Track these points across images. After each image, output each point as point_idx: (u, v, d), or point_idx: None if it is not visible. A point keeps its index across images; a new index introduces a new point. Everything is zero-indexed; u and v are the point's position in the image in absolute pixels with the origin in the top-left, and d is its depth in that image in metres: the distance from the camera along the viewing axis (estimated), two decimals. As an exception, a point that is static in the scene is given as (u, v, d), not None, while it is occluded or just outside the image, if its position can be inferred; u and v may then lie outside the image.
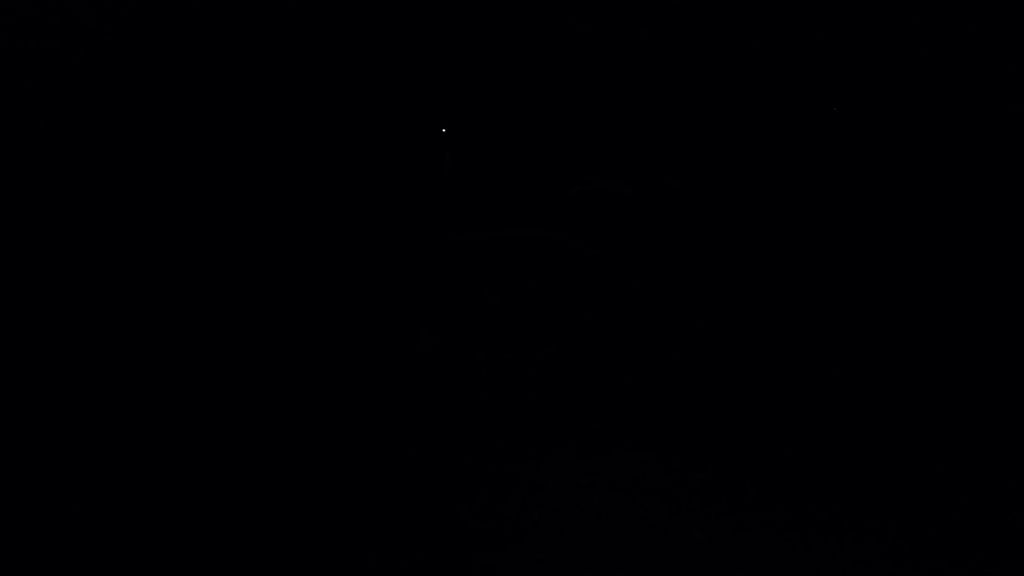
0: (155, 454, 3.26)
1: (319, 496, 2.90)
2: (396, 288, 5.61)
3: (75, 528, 2.71)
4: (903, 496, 2.81)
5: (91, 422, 3.58)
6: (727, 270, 5.64)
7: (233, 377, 4.12)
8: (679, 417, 3.52)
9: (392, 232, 5.63)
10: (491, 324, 4.93)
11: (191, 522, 2.74)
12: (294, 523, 2.72)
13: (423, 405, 3.73)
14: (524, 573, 2.43)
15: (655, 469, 3.04)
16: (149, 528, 2.70)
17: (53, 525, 2.73)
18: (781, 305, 5.12)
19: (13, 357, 4.38)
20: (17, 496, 2.95)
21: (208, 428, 3.50)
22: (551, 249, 5.02)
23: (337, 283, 5.62)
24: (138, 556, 2.55)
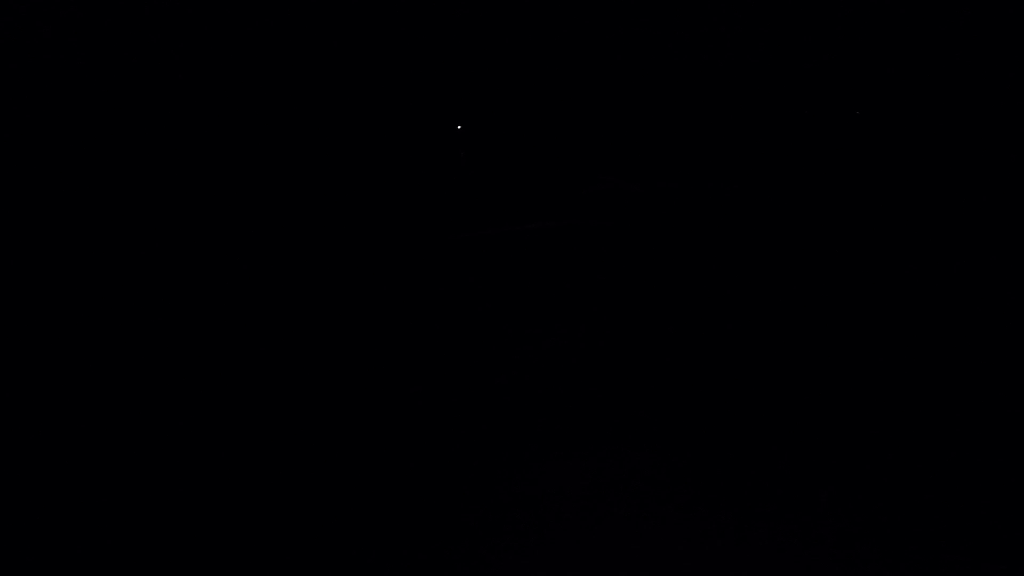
0: (154, 455, 3.26)
1: (318, 497, 2.90)
2: (402, 284, 5.60)
3: (75, 528, 2.71)
4: (905, 496, 2.81)
5: (91, 422, 3.58)
6: (728, 270, 5.64)
7: (238, 374, 4.12)
8: (680, 417, 3.52)
9: (405, 229, 5.63)
10: (492, 322, 4.92)
11: (189, 521, 2.74)
12: (293, 524, 2.72)
13: (423, 404, 3.73)
14: (524, 573, 2.43)
15: (655, 469, 3.05)
16: (149, 528, 2.70)
17: (53, 525, 2.73)
18: (782, 305, 5.12)
19: (13, 357, 4.38)
20: (17, 496, 2.94)
21: (210, 425, 3.49)
22: (566, 240, 5.02)
23: (345, 280, 5.61)
24: (138, 556, 2.55)
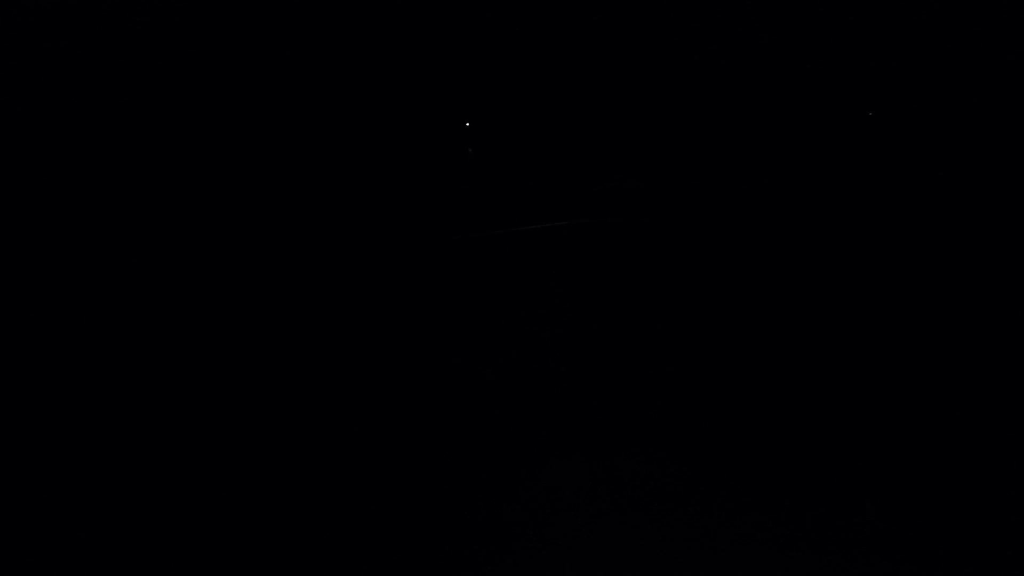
0: (155, 455, 3.27)
1: (319, 497, 2.90)
2: (409, 285, 5.61)
3: (75, 528, 2.71)
4: (905, 497, 2.80)
5: (91, 422, 3.58)
6: (731, 272, 5.63)
7: (240, 373, 4.13)
8: (682, 418, 3.52)
9: (410, 229, 5.64)
10: (495, 323, 4.92)
11: (189, 521, 2.75)
12: (293, 524, 2.72)
13: (426, 405, 3.73)
14: (524, 574, 2.42)
15: (656, 471, 3.04)
16: (149, 528, 2.71)
17: (53, 525, 2.74)
18: (784, 307, 5.10)
19: (13, 357, 4.39)
20: (17, 496, 2.95)
21: (211, 425, 3.50)
22: (572, 239, 5.01)
23: (345, 283, 5.61)
24: (138, 556, 2.56)
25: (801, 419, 3.47)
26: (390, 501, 2.86)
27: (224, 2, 4.11)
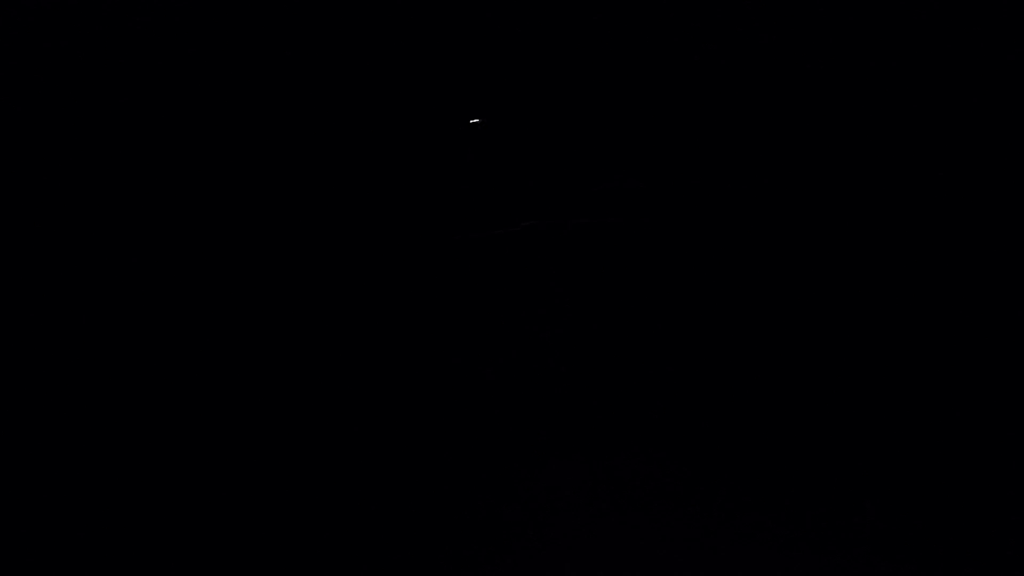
0: (154, 455, 3.27)
1: (319, 497, 2.90)
2: (402, 287, 5.60)
3: (75, 528, 2.71)
4: (905, 497, 2.80)
5: (91, 422, 3.58)
6: (731, 271, 5.63)
7: (236, 373, 4.13)
8: (682, 418, 3.52)
9: (406, 230, 5.62)
10: (495, 323, 4.92)
11: (191, 521, 2.75)
12: (291, 525, 2.72)
13: (426, 405, 3.73)
14: (523, 573, 2.42)
15: (656, 471, 3.04)
16: (149, 528, 2.71)
17: (53, 525, 2.74)
18: (784, 306, 5.10)
19: (13, 358, 4.39)
20: (17, 496, 2.95)
21: (211, 430, 3.50)
22: (572, 238, 5.00)
23: (345, 283, 5.61)
24: (138, 556, 2.56)
25: (801, 419, 3.47)
26: (390, 501, 2.86)
27: (224, 2, 4.11)
